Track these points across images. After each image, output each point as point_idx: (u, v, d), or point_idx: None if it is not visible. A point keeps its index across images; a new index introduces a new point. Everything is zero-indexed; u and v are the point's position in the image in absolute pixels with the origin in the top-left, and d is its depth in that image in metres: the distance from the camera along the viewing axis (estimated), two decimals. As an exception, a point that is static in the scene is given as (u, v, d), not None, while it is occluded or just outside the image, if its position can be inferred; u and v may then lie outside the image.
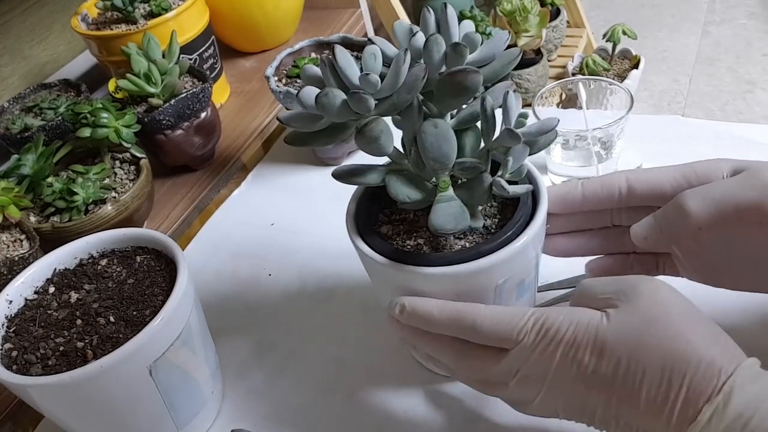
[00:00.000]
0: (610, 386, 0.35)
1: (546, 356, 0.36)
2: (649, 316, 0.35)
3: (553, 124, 0.40)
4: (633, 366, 0.34)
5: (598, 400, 0.35)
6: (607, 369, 0.35)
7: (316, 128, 0.40)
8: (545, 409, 0.38)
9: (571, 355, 0.35)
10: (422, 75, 0.37)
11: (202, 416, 0.49)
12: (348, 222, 0.44)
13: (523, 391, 0.38)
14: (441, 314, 0.39)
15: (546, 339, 0.36)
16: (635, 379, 0.34)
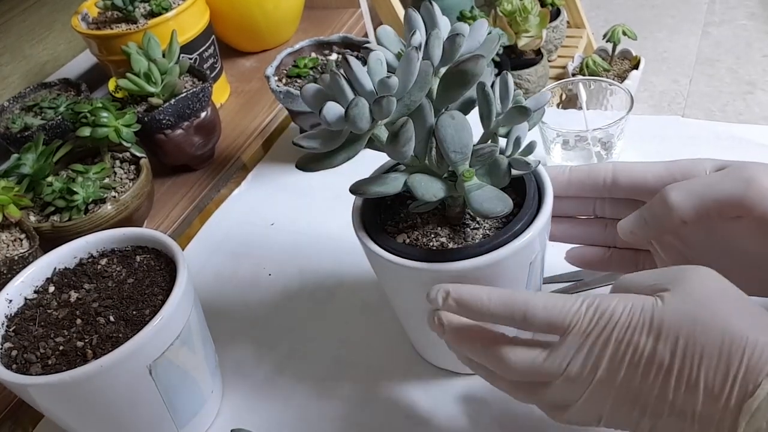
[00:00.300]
0: (668, 369, 0.33)
1: (600, 342, 0.35)
2: (704, 297, 0.34)
3: (546, 98, 0.41)
4: (691, 345, 0.33)
5: (653, 387, 0.34)
6: (664, 350, 0.33)
7: (334, 146, 0.40)
8: (589, 411, 0.36)
9: (626, 338, 0.34)
10: (430, 71, 0.38)
11: (201, 416, 0.49)
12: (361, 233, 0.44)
13: (569, 390, 0.36)
14: (490, 300, 0.37)
15: (600, 323, 0.35)
16: (693, 359, 0.33)
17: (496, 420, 0.47)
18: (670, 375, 0.33)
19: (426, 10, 0.42)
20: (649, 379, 0.34)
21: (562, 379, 0.36)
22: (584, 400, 0.36)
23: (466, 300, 0.38)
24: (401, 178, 0.41)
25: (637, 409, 0.35)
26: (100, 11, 0.90)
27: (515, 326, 0.37)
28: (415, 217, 0.45)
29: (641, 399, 0.35)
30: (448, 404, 0.48)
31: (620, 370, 0.35)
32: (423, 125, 0.40)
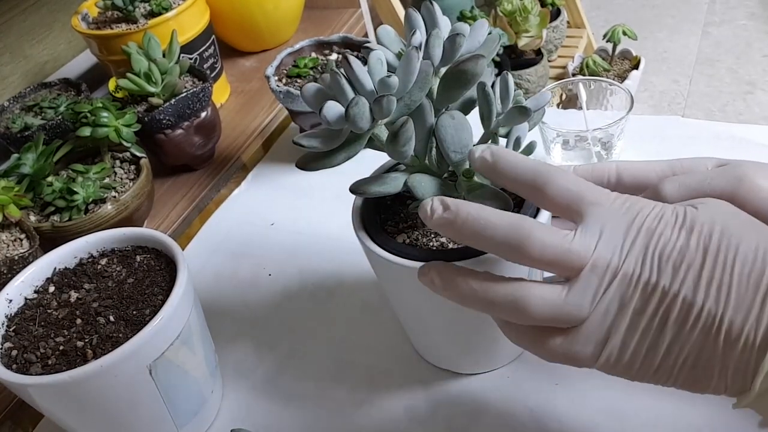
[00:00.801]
0: (699, 267, 0.32)
1: (632, 232, 0.33)
2: (736, 209, 0.34)
3: (546, 99, 0.41)
4: (725, 241, 0.32)
5: (682, 287, 0.32)
6: (697, 246, 0.32)
7: (334, 145, 0.40)
8: (601, 326, 0.33)
9: (658, 229, 0.33)
10: (431, 71, 0.38)
11: (201, 416, 0.49)
12: (361, 233, 0.44)
13: (603, 317, 0.33)
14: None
15: (631, 212, 0.34)
16: (727, 256, 0.32)
17: (496, 420, 0.47)
18: (700, 274, 0.32)
19: (426, 9, 0.42)
20: (679, 276, 0.32)
21: (595, 309, 0.33)
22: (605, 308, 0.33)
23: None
24: (401, 178, 0.41)
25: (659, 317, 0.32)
26: (100, 11, 0.90)
27: (537, 195, 0.35)
28: (415, 217, 0.45)
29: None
30: (448, 404, 0.48)
31: (647, 263, 0.32)
32: (423, 125, 0.40)
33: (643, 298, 0.32)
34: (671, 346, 0.32)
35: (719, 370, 0.32)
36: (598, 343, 0.34)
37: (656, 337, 0.32)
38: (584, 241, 0.33)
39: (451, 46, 0.40)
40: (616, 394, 0.46)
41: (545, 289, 0.34)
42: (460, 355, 0.49)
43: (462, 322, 0.45)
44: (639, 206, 0.34)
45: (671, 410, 0.45)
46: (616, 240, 0.33)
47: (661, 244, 0.33)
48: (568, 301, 0.33)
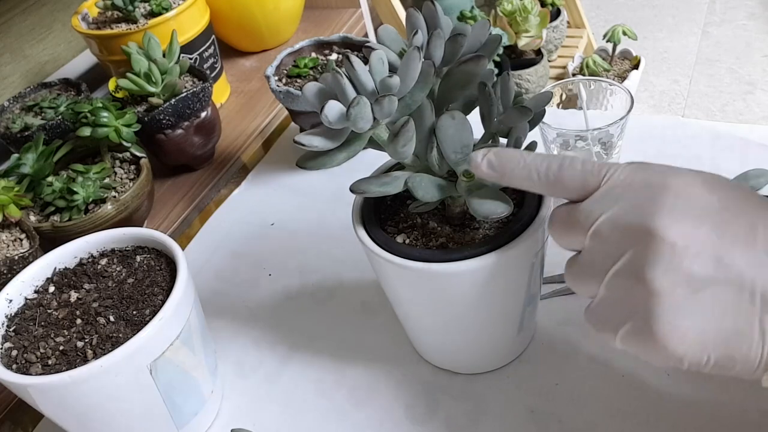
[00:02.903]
0: (724, 223, 0.30)
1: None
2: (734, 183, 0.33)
3: (547, 99, 0.41)
4: (745, 199, 0.31)
5: (707, 239, 0.30)
6: (718, 202, 0.31)
7: (335, 144, 0.40)
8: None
9: (679, 183, 0.31)
10: (432, 71, 0.38)
11: (201, 416, 0.49)
12: (361, 233, 0.44)
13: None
14: (532, 156, 0.36)
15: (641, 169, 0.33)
16: (750, 216, 0.30)
17: (496, 420, 0.47)
18: (725, 227, 0.30)
19: (428, 9, 0.42)
20: (704, 227, 0.30)
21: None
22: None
23: (506, 156, 0.37)
24: (402, 178, 0.41)
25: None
26: (100, 11, 0.90)
27: (550, 185, 0.36)
28: (415, 217, 0.45)
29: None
30: (448, 404, 0.48)
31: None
32: (424, 125, 0.40)
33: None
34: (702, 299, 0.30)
35: (759, 333, 0.30)
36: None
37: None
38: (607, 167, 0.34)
39: (453, 46, 0.40)
40: (616, 394, 0.46)
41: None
42: (460, 355, 0.49)
43: (462, 322, 0.45)
44: (658, 165, 0.33)
45: (671, 410, 0.45)
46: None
47: (688, 201, 0.31)
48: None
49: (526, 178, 0.36)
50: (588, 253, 0.34)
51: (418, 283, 0.42)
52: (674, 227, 0.30)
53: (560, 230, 0.36)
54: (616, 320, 0.33)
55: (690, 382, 0.46)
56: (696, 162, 0.62)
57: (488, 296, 0.42)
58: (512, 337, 0.48)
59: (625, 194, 0.33)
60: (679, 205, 0.31)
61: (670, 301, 0.30)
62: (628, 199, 0.32)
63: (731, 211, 0.31)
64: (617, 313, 0.32)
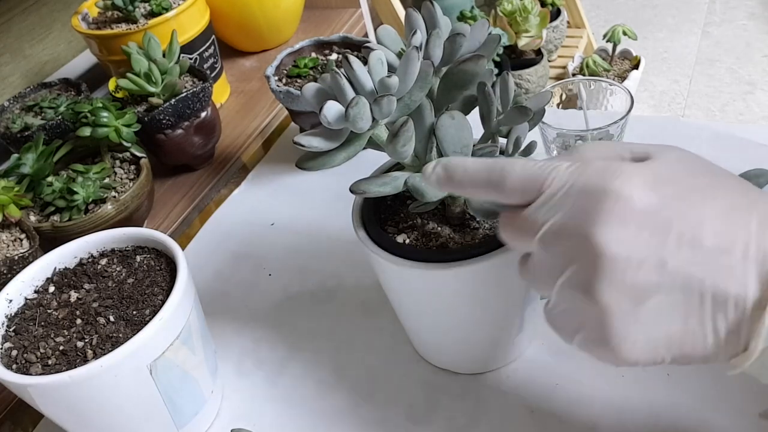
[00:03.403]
0: (667, 224, 0.29)
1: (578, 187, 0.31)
2: (695, 161, 0.32)
3: (547, 99, 0.41)
4: (694, 190, 0.30)
5: (649, 244, 0.29)
6: (660, 202, 0.30)
7: (334, 145, 0.40)
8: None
9: (617, 186, 0.30)
10: (431, 71, 0.38)
11: (201, 416, 0.49)
12: (361, 233, 0.44)
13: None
14: (474, 163, 0.35)
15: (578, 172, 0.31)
16: (696, 212, 0.29)
17: (496, 420, 0.47)
18: (668, 232, 0.29)
19: (427, 10, 0.42)
20: (644, 236, 0.29)
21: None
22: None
23: (452, 165, 0.36)
24: (401, 178, 0.41)
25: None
26: (100, 11, 0.90)
27: (493, 191, 0.34)
28: (415, 217, 0.45)
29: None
30: (448, 404, 0.48)
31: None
32: (423, 125, 0.40)
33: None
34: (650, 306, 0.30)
35: (712, 332, 0.30)
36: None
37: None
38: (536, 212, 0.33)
39: (452, 46, 0.40)
40: (617, 394, 0.46)
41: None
42: (460, 355, 0.49)
43: (462, 322, 0.45)
44: (598, 165, 0.32)
45: (672, 410, 0.45)
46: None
47: (628, 205, 0.30)
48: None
49: (472, 186, 0.35)
50: (537, 259, 0.33)
51: (419, 283, 0.42)
52: (614, 239, 0.29)
53: (509, 236, 0.35)
54: (571, 327, 0.32)
55: (688, 382, 0.46)
56: (696, 162, 0.62)
57: (488, 296, 0.42)
58: (512, 337, 0.48)
59: (565, 202, 0.31)
60: (618, 212, 0.30)
61: (617, 315, 0.30)
62: (568, 208, 0.31)
63: (674, 209, 0.30)
64: (570, 321, 0.32)
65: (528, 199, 0.33)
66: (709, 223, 0.29)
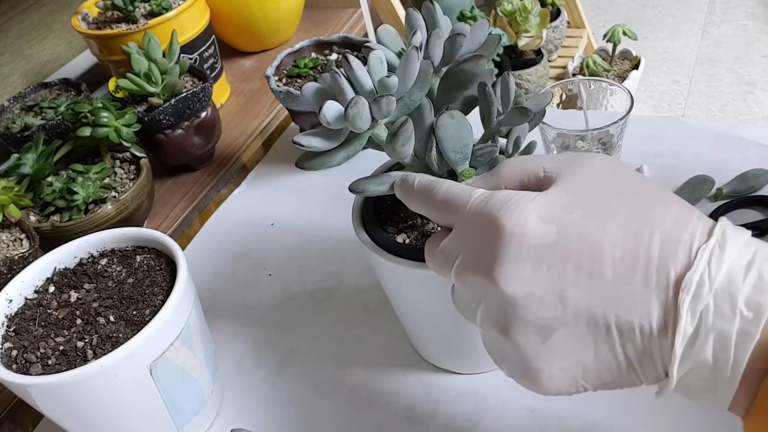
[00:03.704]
0: (565, 257, 0.29)
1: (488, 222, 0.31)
2: (608, 168, 0.32)
3: (547, 99, 0.41)
4: (589, 227, 0.29)
5: (548, 279, 0.29)
6: (556, 232, 0.29)
7: (334, 145, 0.40)
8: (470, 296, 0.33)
9: (512, 222, 0.30)
10: (431, 71, 0.38)
11: (201, 416, 0.49)
12: (361, 233, 0.44)
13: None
14: (417, 181, 0.36)
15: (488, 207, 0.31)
16: (595, 240, 0.29)
17: (496, 420, 0.47)
18: (566, 263, 0.29)
19: (427, 9, 0.42)
20: (542, 270, 0.29)
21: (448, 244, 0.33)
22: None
23: (409, 177, 0.37)
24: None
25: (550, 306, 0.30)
26: (100, 11, 0.90)
27: (426, 207, 0.35)
28: (415, 217, 0.45)
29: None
30: (448, 404, 0.48)
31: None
32: (423, 125, 0.40)
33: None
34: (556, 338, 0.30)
35: (625, 363, 0.29)
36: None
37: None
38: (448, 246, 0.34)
39: (452, 46, 0.40)
40: (617, 394, 0.46)
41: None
42: (460, 355, 0.49)
43: (462, 322, 0.45)
44: (497, 198, 0.32)
45: (671, 410, 0.45)
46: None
47: (524, 241, 0.30)
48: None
49: (416, 200, 0.36)
50: (457, 291, 0.35)
51: (419, 283, 0.42)
52: (512, 279, 0.30)
53: (432, 266, 0.36)
54: (498, 357, 0.33)
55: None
56: (696, 162, 0.62)
57: None
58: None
59: (469, 239, 0.32)
60: (513, 250, 0.30)
61: (528, 350, 0.30)
62: (471, 246, 0.32)
63: (572, 240, 0.29)
64: (496, 351, 0.33)
65: (450, 222, 0.34)
66: (608, 250, 0.29)
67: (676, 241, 0.28)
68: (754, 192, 0.59)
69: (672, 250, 0.28)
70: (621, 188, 0.31)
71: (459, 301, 0.35)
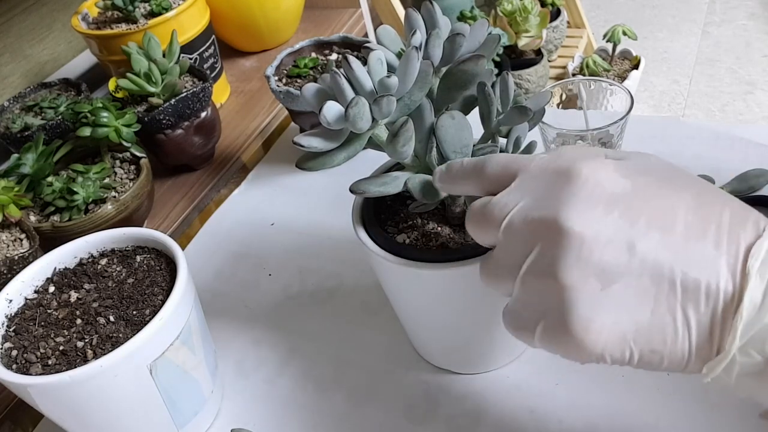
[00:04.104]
0: (638, 208, 0.29)
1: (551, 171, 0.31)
2: (669, 164, 0.32)
3: (546, 99, 0.41)
4: (666, 183, 0.30)
5: (618, 225, 0.29)
6: (631, 187, 0.29)
7: (334, 145, 0.40)
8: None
9: (588, 168, 0.30)
10: (431, 71, 0.38)
11: (201, 416, 0.49)
12: (361, 233, 0.44)
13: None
14: (467, 161, 0.36)
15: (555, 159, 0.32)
16: (668, 201, 0.29)
17: (496, 420, 0.47)
18: (639, 213, 0.29)
19: (426, 10, 0.42)
20: (614, 215, 0.29)
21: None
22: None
23: (449, 166, 0.37)
24: (401, 178, 0.41)
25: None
26: (100, 11, 0.90)
27: (476, 179, 0.35)
28: (415, 217, 0.45)
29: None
30: (448, 404, 0.48)
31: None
32: (423, 125, 0.41)
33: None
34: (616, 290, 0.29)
35: (683, 323, 0.28)
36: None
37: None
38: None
39: (451, 46, 0.40)
40: (617, 394, 0.46)
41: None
42: (460, 355, 0.49)
43: (462, 322, 0.45)
44: (570, 150, 0.32)
45: (671, 410, 0.45)
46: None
47: (599, 187, 0.30)
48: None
49: (465, 180, 0.36)
50: (501, 249, 0.33)
51: (418, 283, 0.42)
52: (581, 217, 0.29)
53: (475, 225, 0.34)
54: (532, 319, 0.31)
55: (689, 382, 0.46)
56: (696, 162, 0.63)
57: (488, 296, 0.42)
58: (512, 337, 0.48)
59: (536, 185, 0.31)
60: (587, 191, 0.29)
61: (582, 295, 0.29)
62: (538, 190, 0.31)
63: (646, 196, 0.29)
64: (532, 311, 0.31)
65: (506, 185, 0.33)
66: (681, 212, 0.29)
67: (744, 217, 0.29)
68: (754, 192, 0.59)
69: (741, 222, 0.28)
70: (686, 174, 0.31)
71: (498, 262, 0.33)
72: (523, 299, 0.32)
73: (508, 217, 0.32)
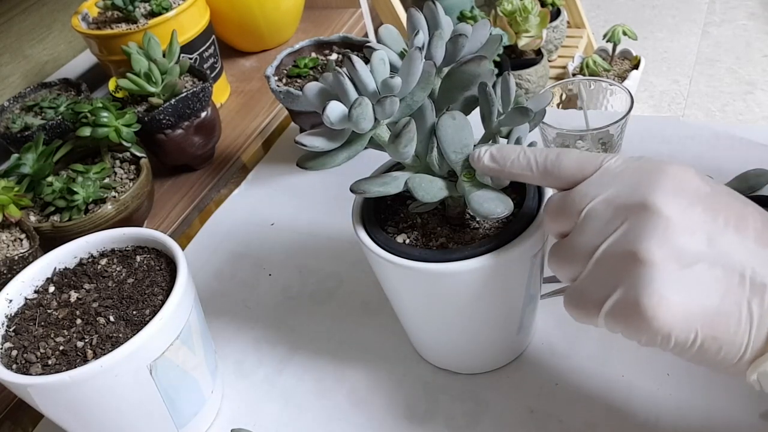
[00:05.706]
0: (716, 208, 0.32)
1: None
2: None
3: (547, 99, 0.41)
4: (735, 194, 0.33)
5: (701, 218, 0.31)
6: (710, 189, 0.32)
7: (336, 145, 0.40)
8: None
9: (674, 168, 0.33)
10: (433, 72, 0.38)
11: (201, 416, 0.49)
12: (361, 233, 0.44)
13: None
14: (526, 152, 0.38)
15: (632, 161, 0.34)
16: (740, 208, 0.32)
17: (496, 420, 0.47)
18: (719, 210, 0.32)
19: (429, 10, 0.42)
20: (698, 211, 0.32)
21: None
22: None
23: (503, 155, 0.38)
24: (402, 178, 0.41)
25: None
26: (100, 11, 0.90)
27: (548, 176, 0.37)
28: (415, 217, 0.45)
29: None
30: (448, 404, 0.48)
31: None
32: (424, 125, 0.40)
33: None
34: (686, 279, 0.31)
35: (747, 315, 0.30)
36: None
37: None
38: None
39: (454, 46, 0.40)
40: (617, 394, 0.46)
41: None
42: (460, 355, 0.49)
43: (462, 322, 0.45)
44: (650, 158, 0.34)
45: (672, 410, 0.45)
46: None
47: (682, 185, 0.32)
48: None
49: (525, 168, 0.37)
50: (578, 232, 0.34)
51: (418, 283, 0.42)
52: (670, 203, 0.31)
53: (554, 214, 0.36)
54: (602, 294, 0.33)
55: (689, 382, 0.46)
56: (696, 162, 0.62)
57: (488, 296, 0.42)
58: (512, 337, 0.48)
59: (621, 177, 0.34)
60: (675, 184, 0.32)
61: (660, 273, 0.31)
62: (624, 181, 0.33)
63: (723, 200, 0.32)
64: (603, 287, 0.33)
65: (580, 181, 0.35)
66: (751, 219, 0.32)
67: None
68: (754, 192, 0.59)
69: None
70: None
71: (575, 240, 0.34)
72: (594, 276, 0.34)
73: (592, 203, 0.34)
